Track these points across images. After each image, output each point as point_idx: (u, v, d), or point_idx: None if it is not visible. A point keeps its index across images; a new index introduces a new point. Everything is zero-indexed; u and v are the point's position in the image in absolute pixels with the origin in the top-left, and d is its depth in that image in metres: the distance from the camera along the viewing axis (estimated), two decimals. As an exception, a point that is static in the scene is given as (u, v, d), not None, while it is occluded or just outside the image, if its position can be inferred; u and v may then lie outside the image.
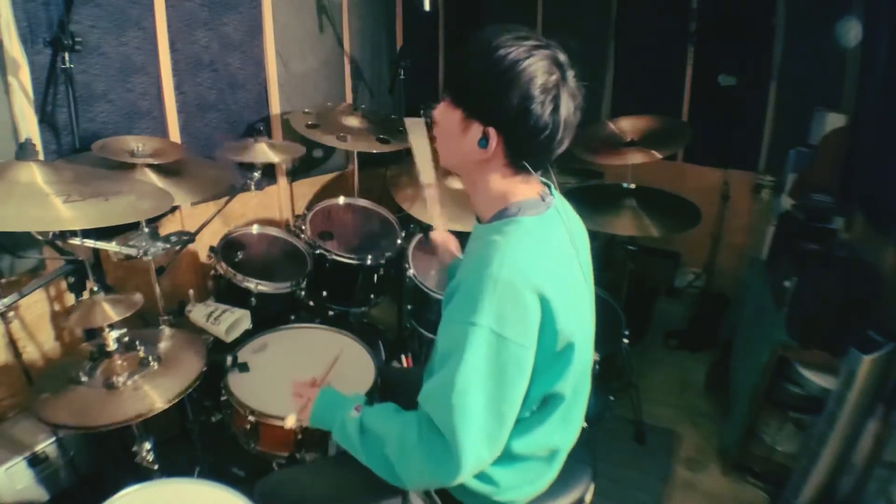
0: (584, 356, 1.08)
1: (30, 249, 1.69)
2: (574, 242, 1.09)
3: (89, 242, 1.39)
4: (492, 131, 0.97)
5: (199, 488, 1.27)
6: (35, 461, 1.55)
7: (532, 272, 0.93)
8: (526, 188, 1.05)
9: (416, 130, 1.44)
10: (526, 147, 0.98)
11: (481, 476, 1.09)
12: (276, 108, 2.53)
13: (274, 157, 1.96)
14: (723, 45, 3.02)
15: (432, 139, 1.12)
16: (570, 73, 0.97)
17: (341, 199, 2.43)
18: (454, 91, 1.02)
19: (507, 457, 1.07)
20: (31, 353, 1.78)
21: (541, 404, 1.06)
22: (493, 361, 0.91)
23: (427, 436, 0.96)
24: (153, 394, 1.32)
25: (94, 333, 1.49)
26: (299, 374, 1.38)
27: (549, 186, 1.12)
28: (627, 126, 2.46)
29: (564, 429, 1.12)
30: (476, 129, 0.99)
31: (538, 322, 0.94)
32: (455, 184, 2.24)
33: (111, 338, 1.36)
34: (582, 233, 1.17)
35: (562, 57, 0.96)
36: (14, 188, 1.15)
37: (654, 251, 3.27)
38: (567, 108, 0.96)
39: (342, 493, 1.21)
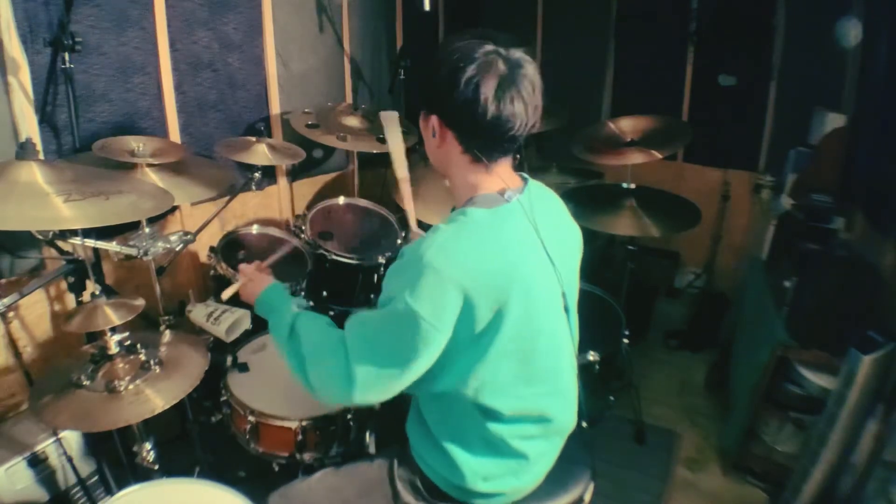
0: (551, 348, 1.10)
1: (30, 249, 1.69)
2: (542, 236, 1.07)
3: (89, 242, 1.39)
4: (433, 118, 1.04)
5: (199, 488, 1.27)
6: (35, 461, 1.55)
7: (460, 264, 0.97)
8: (490, 182, 1.07)
9: (390, 124, 1.42)
10: (470, 130, 1.01)
11: (459, 467, 1.12)
12: (276, 108, 2.52)
13: (274, 161, 1.96)
14: (723, 45, 3.02)
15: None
16: (522, 59, 0.98)
17: (341, 199, 2.43)
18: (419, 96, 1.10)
19: (483, 444, 1.11)
20: (31, 353, 1.78)
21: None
22: (402, 329, 0.98)
23: (341, 353, 1.04)
24: (155, 398, 1.32)
25: (95, 335, 1.49)
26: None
27: (525, 179, 1.13)
28: (627, 126, 2.46)
29: (539, 422, 1.13)
30: (431, 123, 1.06)
31: (457, 311, 0.98)
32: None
33: (113, 342, 1.36)
34: (559, 229, 1.16)
35: (511, 50, 0.97)
36: (14, 187, 1.15)
37: (654, 251, 3.28)
38: (509, 87, 0.96)
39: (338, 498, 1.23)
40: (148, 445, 1.47)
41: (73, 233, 1.36)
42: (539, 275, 1.07)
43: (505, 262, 1.01)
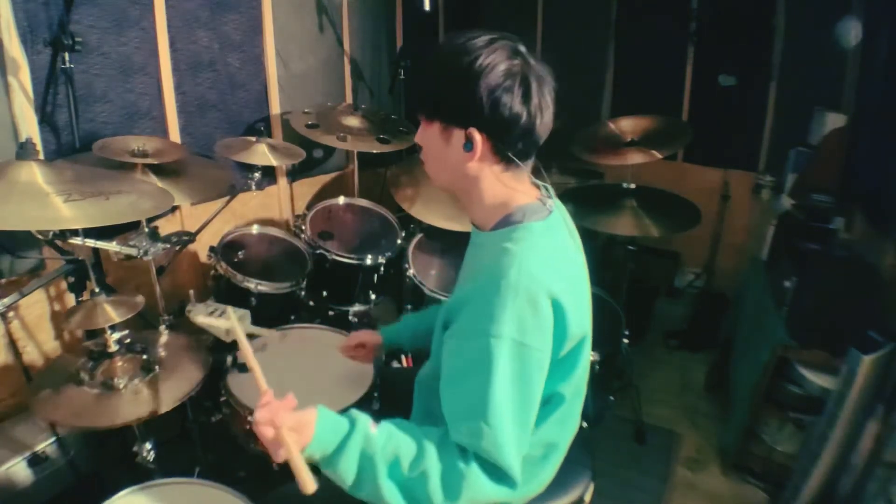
0: (586, 357, 1.08)
1: (30, 249, 1.69)
2: (577, 244, 1.09)
3: (90, 242, 1.39)
4: (473, 131, 0.96)
5: (199, 488, 1.27)
6: (35, 461, 1.55)
7: (547, 278, 0.92)
8: (523, 192, 1.04)
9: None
10: (508, 138, 0.97)
11: None
12: (276, 108, 2.52)
13: (274, 161, 1.96)
14: (723, 45, 3.03)
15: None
16: (533, 59, 0.97)
17: (341, 199, 2.43)
18: (425, 106, 1.02)
19: None
20: (31, 352, 1.78)
21: (541, 405, 1.06)
22: (520, 372, 0.91)
23: (477, 461, 0.91)
24: (153, 399, 1.32)
25: (95, 332, 1.49)
26: (298, 375, 1.36)
27: (546, 189, 1.11)
28: (627, 126, 2.46)
29: (562, 429, 1.12)
30: (458, 136, 0.98)
31: (552, 326, 0.94)
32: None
33: (112, 339, 1.36)
34: (577, 234, 1.18)
35: (521, 46, 0.97)
36: (14, 187, 1.15)
37: (654, 251, 3.28)
38: (537, 90, 0.95)
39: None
40: (148, 445, 1.47)
41: (74, 233, 1.35)
42: (583, 281, 1.08)
43: (567, 270, 1.01)
